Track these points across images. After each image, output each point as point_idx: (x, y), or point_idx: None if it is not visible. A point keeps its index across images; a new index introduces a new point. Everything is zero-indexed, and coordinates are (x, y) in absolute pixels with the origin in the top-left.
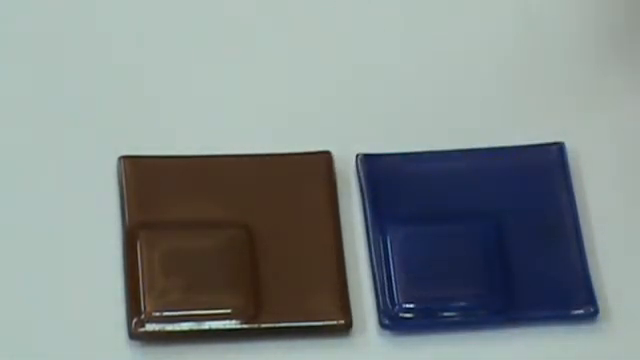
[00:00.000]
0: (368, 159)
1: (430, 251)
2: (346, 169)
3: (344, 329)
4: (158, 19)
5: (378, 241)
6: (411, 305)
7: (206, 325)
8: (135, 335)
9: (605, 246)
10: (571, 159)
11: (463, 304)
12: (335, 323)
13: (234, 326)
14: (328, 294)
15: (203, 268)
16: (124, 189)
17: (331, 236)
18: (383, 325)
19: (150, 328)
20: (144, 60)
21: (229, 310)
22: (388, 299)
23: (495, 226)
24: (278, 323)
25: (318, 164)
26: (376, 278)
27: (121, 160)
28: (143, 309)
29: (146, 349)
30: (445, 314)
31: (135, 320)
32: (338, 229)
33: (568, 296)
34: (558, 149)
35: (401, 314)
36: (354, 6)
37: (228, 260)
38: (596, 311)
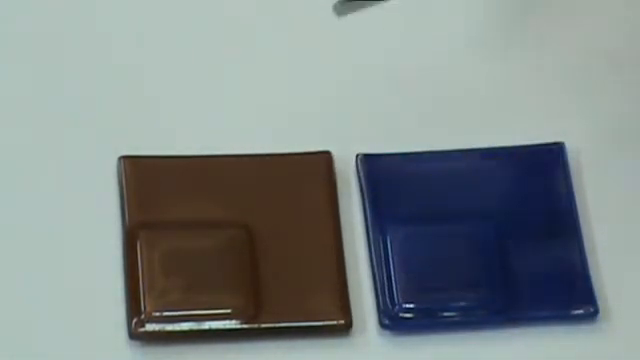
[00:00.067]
0: (368, 159)
1: (430, 251)
2: (346, 169)
3: (344, 329)
4: (158, 19)
5: (378, 241)
6: (411, 305)
7: (206, 325)
8: (135, 335)
9: (605, 246)
10: (571, 159)
11: (463, 304)
12: (335, 323)
13: (234, 326)
14: (328, 294)
15: (203, 268)
16: (124, 189)
17: (331, 236)
18: (383, 325)
19: (150, 328)
20: (144, 60)
21: (229, 310)
22: (388, 299)
23: (495, 226)
24: (278, 323)
25: (318, 164)
26: (376, 278)
27: (121, 160)
28: (143, 309)
29: (146, 349)
30: (445, 314)
31: (135, 320)
32: (338, 229)
33: (568, 296)
34: (558, 149)
35: (401, 314)
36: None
37: (228, 260)
38: (596, 311)
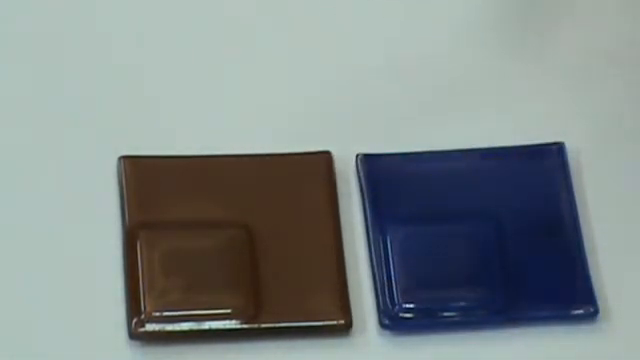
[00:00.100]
0: (368, 159)
1: (430, 251)
2: (346, 169)
3: (344, 329)
4: (158, 19)
5: (378, 241)
6: (411, 305)
7: (206, 325)
8: (135, 335)
9: (605, 246)
10: (571, 159)
11: (463, 304)
12: (335, 323)
13: (234, 326)
14: (328, 294)
15: (203, 268)
16: (124, 189)
17: (331, 236)
18: (383, 325)
19: (150, 328)
20: (144, 60)
21: (229, 310)
22: (388, 299)
23: (495, 226)
24: (278, 323)
25: (318, 164)
26: (376, 278)
27: (121, 160)
28: (143, 309)
29: (146, 349)
30: (445, 314)
31: (135, 320)
32: (338, 229)
33: (568, 296)
34: (558, 149)
35: (401, 314)
36: (354, 6)
37: (228, 260)
38: (596, 311)
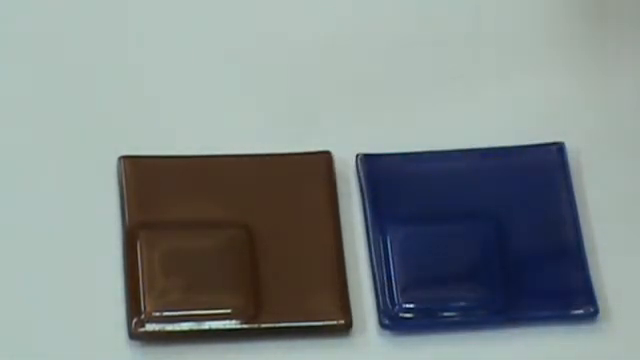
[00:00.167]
0: (368, 159)
1: (430, 251)
2: (346, 169)
3: (344, 329)
4: (158, 19)
5: (378, 241)
6: (411, 305)
7: (206, 325)
8: (135, 335)
9: (605, 246)
10: (571, 159)
11: (463, 304)
12: (335, 323)
13: (234, 326)
14: (328, 294)
15: (203, 268)
16: (124, 189)
17: (331, 236)
18: (383, 325)
19: (150, 328)
20: (144, 60)
21: (229, 310)
22: (388, 299)
23: (495, 226)
24: (278, 323)
25: (318, 164)
26: (376, 278)
27: (121, 160)
28: (143, 309)
29: (146, 349)
30: (445, 314)
31: (135, 320)
32: (338, 229)
33: (568, 296)
34: (558, 149)
35: (401, 314)
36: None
37: (228, 260)
38: (596, 311)
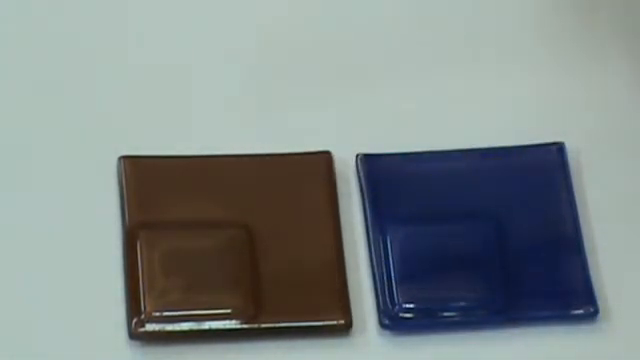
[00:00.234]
0: (368, 159)
1: (430, 251)
2: (346, 169)
3: (344, 329)
4: (158, 19)
5: (378, 241)
6: (411, 305)
7: (206, 325)
8: (135, 335)
9: (605, 246)
10: (571, 159)
11: (463, 304)
12: (335, 323)
13: (234, 326)
14: (328, 294)
15: (203, 268)
16: (124, 189)
17: (331, 236)
18: (383, 325)
19: (150, 328)
20: (144, 60)
21: (229, 310)
22: (388, 299)
23: (495, 226)
24: (278, 323)
25: (318, 164)
26: (376, 278)
27: (121, 160)
28: (143, 309)
29: (146, 349)
30: (445, 314)
31: (135, 320)
32: (338, 229)
33: (568, 296)
34: (558, 149)
35: (401, 314)
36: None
37: (228, 260)
38: (596, 311)
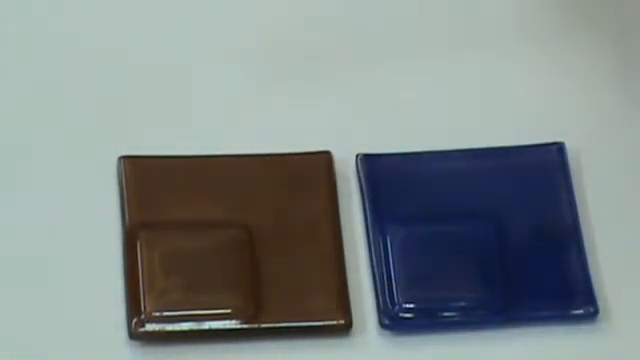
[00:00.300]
0: (368, 159)
1: (430, 251)
2: (346, 169)
3: (344, 329)
4: (159, 19)
5: (378, 241)
6: (411, 305)
7: (206, 325)
8: (135, 335)
9: (605, 246)
10: (571, 159)
11: (463, 304)
12: (335, 323)
13: (234, 326)
14: (328, 294)
15: (203, 268)
16: (124, 189)
17: (331, 236)
18: (383, 325)
19: (150, 328)
20: (144, 60)
21: (229, 310)
22: (388, 299)
23: (495, 226)
24: (278, 323)
25: (318, 164)
26: (376, 278)
27: (121, 160)
28: (143, 309)
29: (146, 349)
30: (445, 314)
31: (135, 320)
32: (338, 229)
33: (568, 296)
34: (558, 149)
35: (401, 314)
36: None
37: (228, 260)
38: (596, 311)
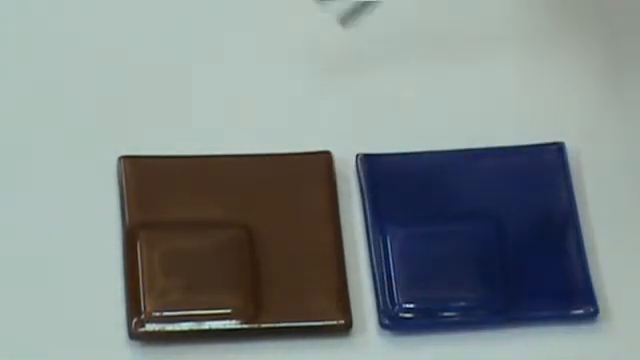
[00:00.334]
0: (368, 159)
1: (430, 251)
2: (346, 169)
3: (344, 329)
4: (159, 19)
5: (378, 241)
6: (411, 305)
7: (206, 325)
8: (135, 335)
9: (605, 246)
10: (571, 159)
11: (463, 304)
12: (335, 323)
13: (234, 326)
14: (328, 294)
15: (203, 268)
16: (124, 189)
17: (331, 236)
18: (383, 325)
19: (150, 328)
20: (144, 60)
21: (229, 310)
22: (388, 299)
23: (495, 226)
24: (278, 323)
25: (318, 164)
26: (376, 278)
27: (121, 160)
28: (143, 309)
29: (146, 349)
30: (445, 314)
31: (135, 320)
32: (338, 229)
33: (568, 296)
34: (558, 149)
35: (401, 314)
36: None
37: (228, 260)
38: (596, 311)
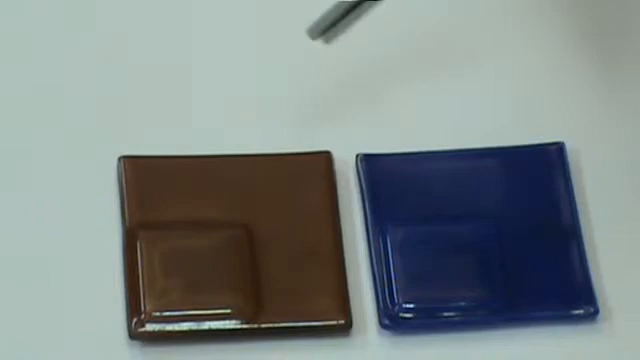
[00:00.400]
0: (368, 159)
1: (430, 251)
2: (346, 169)
3: (344, 329)
4: (159, 19)
5: (378, 241)
6: (411, 305)
7: (206, 325)
8: (135, 335)
9: (605, 246)
10: (571, 159)
11: (463, 304)
12: (335, 323)
13: (234, 326)
14: (328, 294)
15: (203, 268)
16: (124, 189)
17: (331, 236)
18: (383, 325)
19: (150, 328)
20: (144, 60)
21: (229, 310)
22: (388, 299)
23: (495, 226)
24: (278, 323)
25: (318, 164)
26: (376, 278)
27: (121, 160)
28: (143, 309)
29: (146, 349)
30: (445, 314)
31: (135, 320)
32: (338, 229)
33: (568, 296)
34: (558, 149)
35: (401, 314)
36: None
37: (228, 260)
38: (596, 311)
